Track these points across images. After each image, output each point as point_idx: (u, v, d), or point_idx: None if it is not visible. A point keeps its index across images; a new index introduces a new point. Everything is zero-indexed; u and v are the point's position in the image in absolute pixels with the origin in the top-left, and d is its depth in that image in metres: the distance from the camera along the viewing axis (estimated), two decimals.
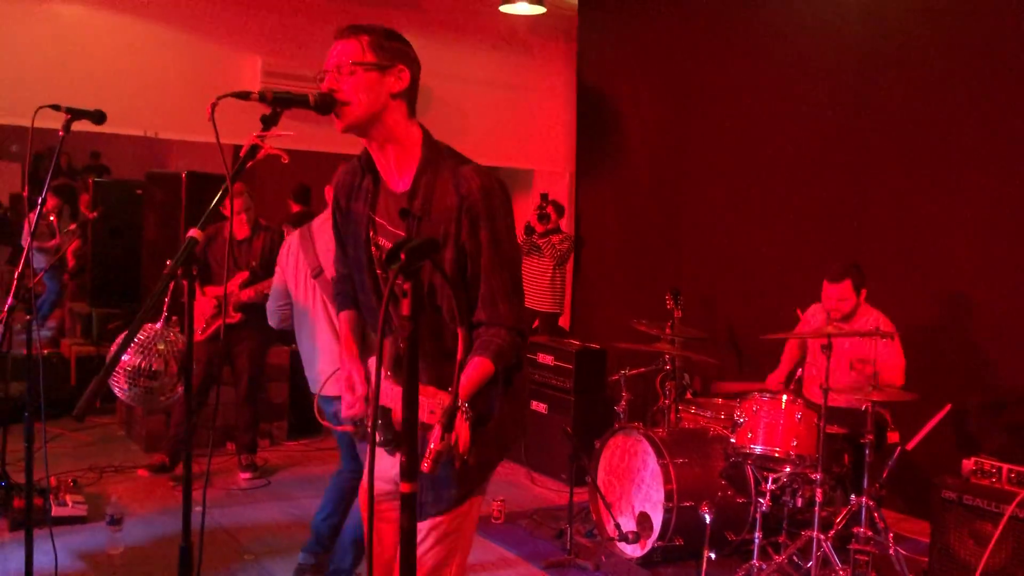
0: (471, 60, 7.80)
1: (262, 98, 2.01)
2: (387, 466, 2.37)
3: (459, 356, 1.83)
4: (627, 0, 7.72)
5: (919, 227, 5.47)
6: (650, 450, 4.33)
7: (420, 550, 2.21)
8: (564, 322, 8.29)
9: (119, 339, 4.38)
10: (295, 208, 7.75)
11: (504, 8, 7.17)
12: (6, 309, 2.92)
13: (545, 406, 5.93)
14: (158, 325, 3.82)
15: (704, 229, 6.89)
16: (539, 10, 7.17)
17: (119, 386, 3.70)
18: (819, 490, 3.96)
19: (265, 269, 5.19)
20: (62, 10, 6.18)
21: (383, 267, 2.27)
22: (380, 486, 2.40)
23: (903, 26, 5.59)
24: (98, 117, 3.03)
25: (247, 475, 5.61)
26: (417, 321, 1.60)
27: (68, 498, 4.65)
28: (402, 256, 1.57)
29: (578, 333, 7.48)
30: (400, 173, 2.22)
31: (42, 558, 3.43)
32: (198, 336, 5.37)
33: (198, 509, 2.06)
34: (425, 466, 1.75)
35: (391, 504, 2.38)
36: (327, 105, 2.10)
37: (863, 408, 4.19)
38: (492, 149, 8.08)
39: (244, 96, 2.01)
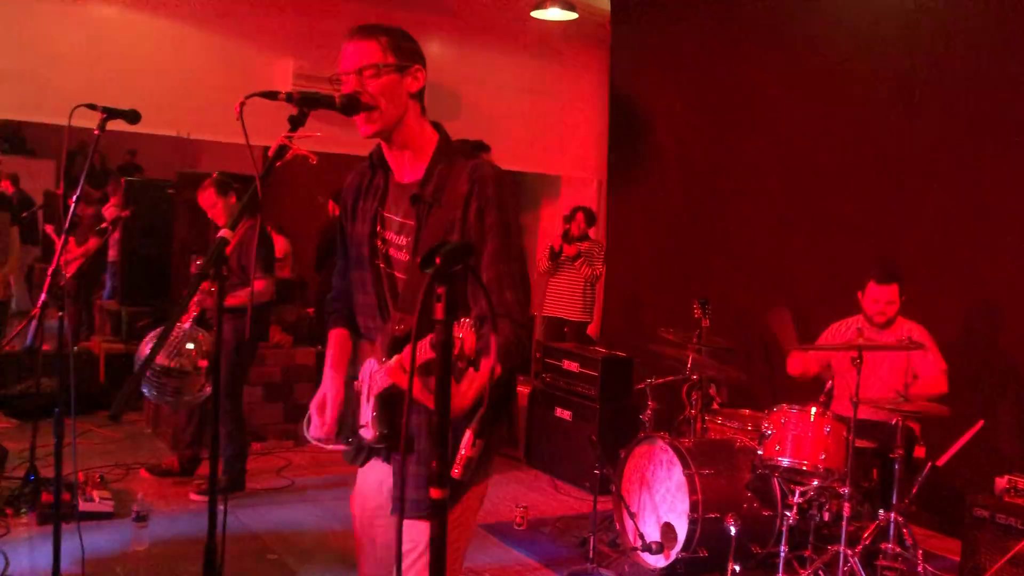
0: (502, 66, 7.80)
1: (289, 98, 2.02)
2: (382, 477, 2.30)
3: (492, 354, 1.76)
4: (660, 6, 7.69)
5: (954, 238, 5.38)
6: (676, 460, 4.29)
7: (415, 556, 2.16)
8: (592, 330, 8.26)
9: (147, 338, 4.44)
10: (337, 212, 7.77)
11: (536, 14, 7.16)
12: (39, 305, 2.95)
13: (570, 413, 5.90)
14: (186, 325, 3.84)
15: (735, 238, 6.83)
16: (571, 16, 7.15)
17: (147, 385, 3.73)
18: (847, 504, 3.90)
19: (239, 272, 4.89)
20: (98, 12, 6.27)
21: (384, 260, 2.25)
22: (374, 499, 2.35)
23: (941, 34, 5.51)
24: (132, 117, 3.07)
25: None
26: (451, 327, 1.57)
27: (95, 494, 4.69)
28: (437, 260, 1.54)
29: (606, 341, 7.44)
30: (413, 166, 2.22)
31: (69, 553, 3.46)
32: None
33: (221, 508, 2.06)
34: (456, 472, 1.71)
35: (385, 522, 2.31)
36: (353, 106, 2.10)
37: (893, 422, 4.13)
38: (522, 155, 8.08)
39: (271, 96, 2.02)
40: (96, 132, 2.98)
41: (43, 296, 2.88)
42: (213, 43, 6.67)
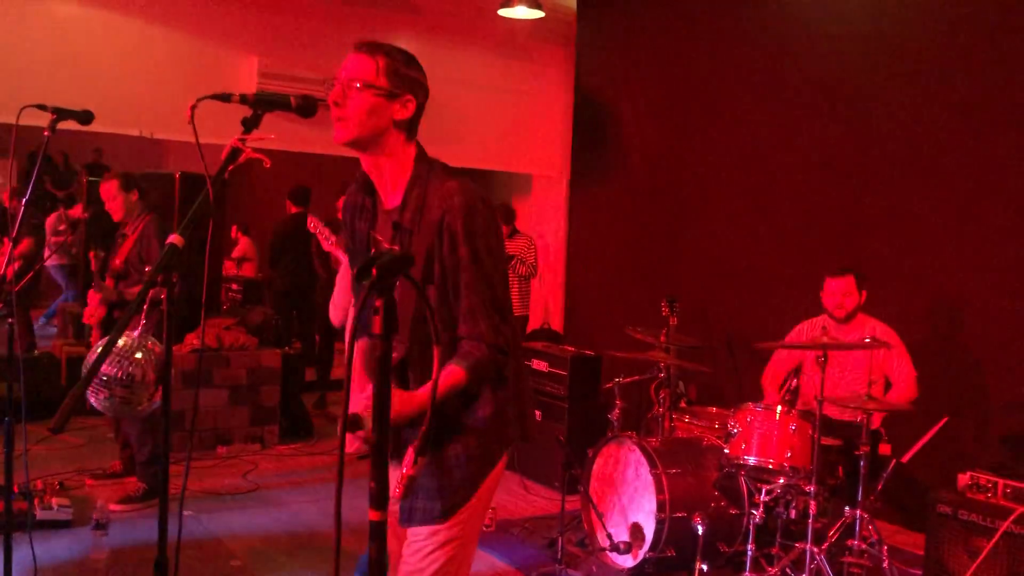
0: (469, 64, 7.76)
1: (243, 100, 1.99)
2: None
3: (433, 375, 1.77)
4: (626, 5, 7.69)
5: (916, 237, 5.43)
6: (643, 459, 4.28)
7: (417, 558, 2.18)
8: (556, 327, 8.27)
9: (95, 347, 4.35)
10: (293, 209, 7.72)
11: (503, 12, 7.13)
12: None
13: (539, 413, 5.88)
14: (135, 333, 3.76)
15: (700, 237, 6.85)
16: (538, 14, 7.13)
17: (94, 395, 3.65)
18: (813, 502, 3.92)
19: (135, 265, 4.88)
20: (59, 9, 6.15)
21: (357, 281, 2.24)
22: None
23: (905, 31, 5.55)
24: (85, 117, 2.99)
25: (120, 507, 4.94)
26: (389, 340, 1.55)
27: (54, 501, 4.60)
28: (373, 272, 1.52)
29: (570, 339, 7.43)
30: (393, 189, 2.23)
31: (23, 563, 3.39)
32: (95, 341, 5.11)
33: (186, 514, 2.01)
34: (397, 492, 1.70)
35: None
36: (309, 109, 2.07)
37: (858, 420, 4.15)
38: (489, 153, 8.06)
39: (225, 98, 1.99)
40: (46, 133, 2.90)
41: None
42: (177, 41, 6.56)
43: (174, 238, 1.76)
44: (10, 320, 3.00)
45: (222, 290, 8.75)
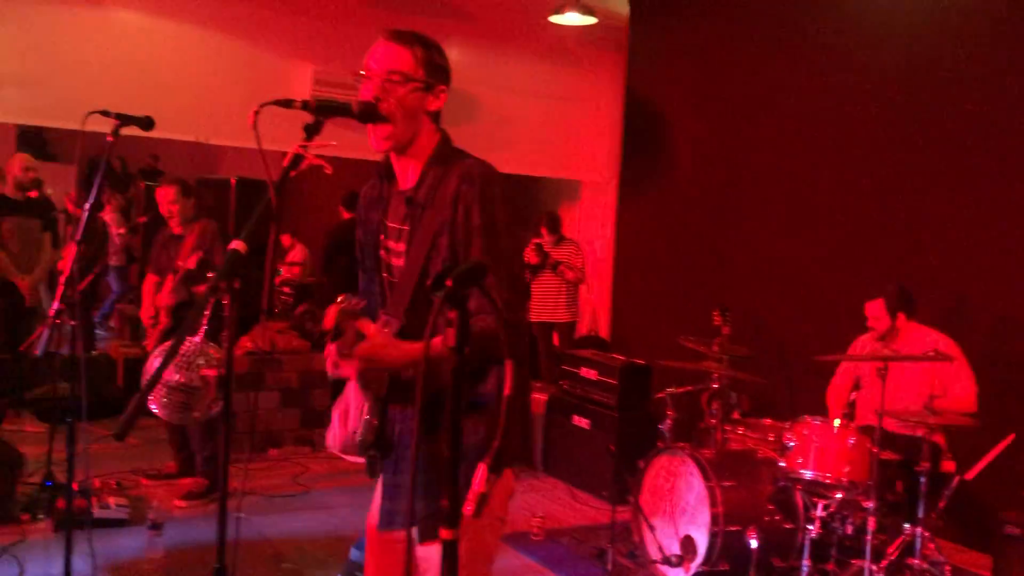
0: (519, 70, 7.76)
1: (305, 106, 1.99)
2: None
3: (506, 392, 1.67)
4: (679, 11, 7.62)
5: (977, 246, 5.27)
6: (696, 471, 4.22)
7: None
8: (604, 334, 8.21)
9: (156, 353, 4.41)
10: (346, 215, 7.78)
11: (554, 19, 7.11)
12: (52, 311, 2.93)
13: (588, 422, 5.83)
14: (197, 339, 3.80)
15: (752, 244, 6.75)
16: (590, 20, 7.10)
17: (155, 400, 3.70)
18: (871, 518, 3.82)
19: (199, 267, 4.97)
20: (118, 17, 6.27)
21: (387, 270, 2.24)
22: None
23: (958, 40, 5.42)
24: (146, 123, 3.04)
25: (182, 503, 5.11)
26: (463, 353, 1.51)
27: (112, 500, 4.68)
28: (448, 282, 1.48)
29: (617, 347, 7.37)
30: (412, 172, 2.20)
31: (83, 560, 3.44)
32: (151, 342, 5.22)
33: (237, 516, 2.02)
34: (469, 509, 1.64)
35: (398, 535, 2.26)
36: (370, 115, 2.07)
37: (919, 435, 4.05)
38: (538, 160, 8.04)
39: (287, 104, 1.99)
40: (109, 139, 2.96)
41: (56, 303, 2.86)
42: (233, 48, 6.66)
43: (237, 244, 1.76)
44: (73, 323, 3.05)
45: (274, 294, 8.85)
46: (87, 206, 3.06)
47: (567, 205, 8.87)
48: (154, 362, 4.05)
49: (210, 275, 4.98)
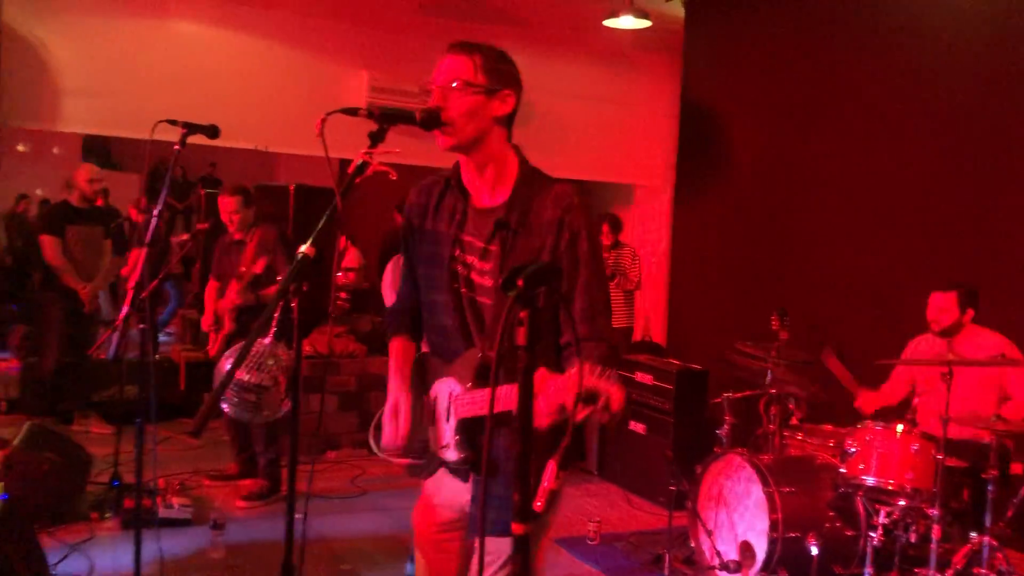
0: (573, 74, 7.77)
1: (370, 114, 2.02)
2: (455, 491, 2.29)
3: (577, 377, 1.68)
4: (735, 13, 7.56)
5: None
6: (755, 477, 4.17)
7: (494, 569, 2.13)
8: (656, 339, 8.16)
9: (227, 354, 4.52)
10: (400, 221, 7.87)
11: (608, 23, 7.10)
12: (120, 317, 3.03)
13: (644, 427, 5.81)
14: (267, 340, 3.88)
15: (811, 248, 6.65)
16: (645, 24, 7.08)
17: (227, 401, 3.78)
18: (936, 527, 3.74)
19: (266, 272, 5.07)
20: (178, 28, 6.45)
21: (467, 285, 2.23)
22: (444, 513, 2.34)
23: (1022, 36, 5.29)
24: (212, 132, 3.12)
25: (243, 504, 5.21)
26: (534, 352, 1.53)
27: (175, 501, 4.79)
28: (519, 283, 1.50)
29: (673, 352, 7.33)
30: (493, 190, 2.21)
31: (149, 558, 3.53)
32: (213, 347, 5.33)
33: (298, 517, 2.06)
34: (539, 505, 1.66)
35: (454, 534, 2.31)
36: (433, 121, 2.10)
37: (985, 441, 3.95)
38: (593, 163, 8.04)
39: (352, 112, 2.03)
40: (176, 147, 3.04)
41: (126, 308, 2.95)
42: (290, 57, 6.79)
43: (307, 249, 1.80)
44: (141, 327, 3.14)
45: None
46: (155, 212, 3.15)
47: (620, 209, 8.84)
48: (226, 363, 4.15)
49: (278, 279, 5.09)
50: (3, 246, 5.94)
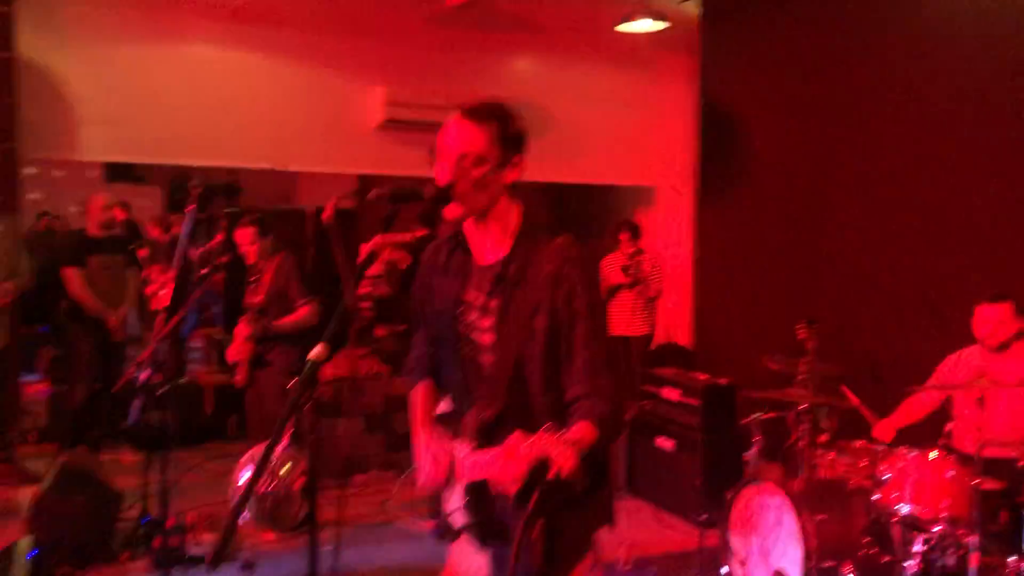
0: (589, 78, 7.71)
1: (379, 199, 2.00)
2: (474, 564, 2.26)
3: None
4: (752, 11, 7.43)
5: None
6: (786, 505, 4.11)
7: None
8: (682, 342, 8.10)
9: (242, 463, 4.49)
10: (420, 232, 7.83)
11: (622, 27, 7.00)
12: (142, 379, 3.02)
13: (672, 443, 5.75)
14: (282, 446, 3.86)
15: (839, 254, 6.53)
16: (662, 26, 6.97)
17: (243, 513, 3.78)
18: (975, 554, 3.67)
19: (277, 299, 5.17)
20: (193, 52, 6.47)
21: (468, 345, 2.23)
22: None
23: None
24: (230, 191, 3.10)
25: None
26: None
27: (205, 537, 4.80)
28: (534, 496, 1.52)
29: (700, 361, 7.25)
30: (494, 246, 2.19)
31: None
32: (241, 378, 5.41)
33: (327, 548, 2.04)
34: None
35: None
36: (443, 201, 2.07)
37: (1021, 465, 3.87)
38: (612, 167, 7.98)
39: (361, 197, 2.00)
40: (191, 207, 3.02)
41: (146, 372, 2.94)
42: (305, 75, 6.78)
43: (316, 351, 1.76)
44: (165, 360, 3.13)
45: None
46: (185, 254, 3.12)
47: (642, 211, 8.76)
48: (239, 475, 4.15)
49: (296, 304, 5.13)
50: (29, 268, 5.96)
